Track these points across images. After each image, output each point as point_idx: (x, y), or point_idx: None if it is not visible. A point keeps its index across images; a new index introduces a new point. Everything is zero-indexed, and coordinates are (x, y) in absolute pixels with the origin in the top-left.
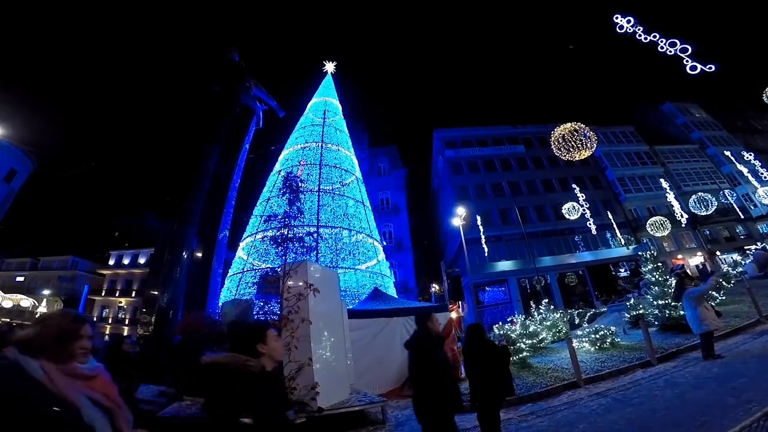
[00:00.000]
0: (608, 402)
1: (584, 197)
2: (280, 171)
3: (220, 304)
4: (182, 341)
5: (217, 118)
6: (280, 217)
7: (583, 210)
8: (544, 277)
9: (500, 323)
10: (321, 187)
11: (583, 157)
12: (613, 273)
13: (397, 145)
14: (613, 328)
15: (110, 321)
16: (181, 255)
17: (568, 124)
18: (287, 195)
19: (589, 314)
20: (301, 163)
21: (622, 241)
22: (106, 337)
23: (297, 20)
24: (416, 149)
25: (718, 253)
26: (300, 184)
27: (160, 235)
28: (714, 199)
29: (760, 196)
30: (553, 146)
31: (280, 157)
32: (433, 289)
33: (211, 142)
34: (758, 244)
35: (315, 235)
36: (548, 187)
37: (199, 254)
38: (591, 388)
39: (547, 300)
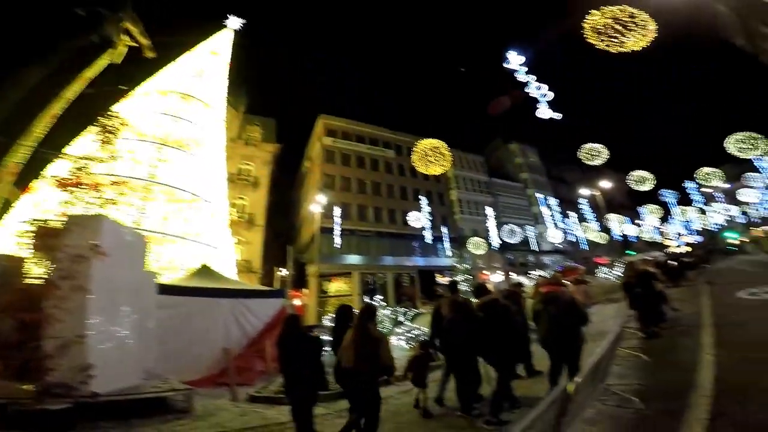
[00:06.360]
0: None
1: (430, 210)
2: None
3: None
4: None
5: (59, 40)
6: (79, 156)
7: (426, 221)
8: (384, 275)
9: None
10: (168, 140)
11: (436, 173)
12: (435, 279)
13: (277, 120)
14: (425, 329)
15: None
16: None
17: (434, 140)
18: (102, 135)
19: (413, 314)
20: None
21: (449, 253)
22: None
23: None
24: (296, 129)
25: (512, 274)
26: (120, 126)
27: None
28: (521, 231)
29: (548, 236)
30: (413, 156)
31: (125, 98)
32: (280, 273)
33: (37, 62)
34: (541, 272)
35: (141, 191)
36: (403, 194)
37: None
38: (401, 386)
39: (382, 297)
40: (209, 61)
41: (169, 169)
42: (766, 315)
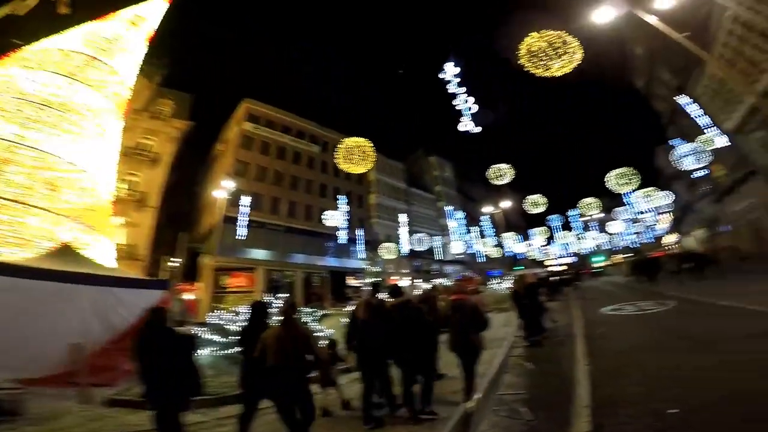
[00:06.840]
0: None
1: (348, 211)
2: None
3: None
4: None
5: None
6: None
7: (343, 221)
8: (293, 273)
9: None
10: (53, 102)
11: (357, 172)
12: (346, 282)
13: (197, 97)
14: (333, 331)
15: None
16: None
17: (360, 139)
18: None
19: (321, 315)
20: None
21: (362, 256)
22: None
23: None
24: (218, 110)
25: (419, 280)
26: None
27: None
28: (428, 240)
29: (452, 247)
30: (337, 153)
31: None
32: (170, 263)
33: None
34: (442, 280)
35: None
36: (323, 191)
37: None
38: None
39: (288, 295)
40: (131, 27)
41: (46, 133)
42: (625, 329)
